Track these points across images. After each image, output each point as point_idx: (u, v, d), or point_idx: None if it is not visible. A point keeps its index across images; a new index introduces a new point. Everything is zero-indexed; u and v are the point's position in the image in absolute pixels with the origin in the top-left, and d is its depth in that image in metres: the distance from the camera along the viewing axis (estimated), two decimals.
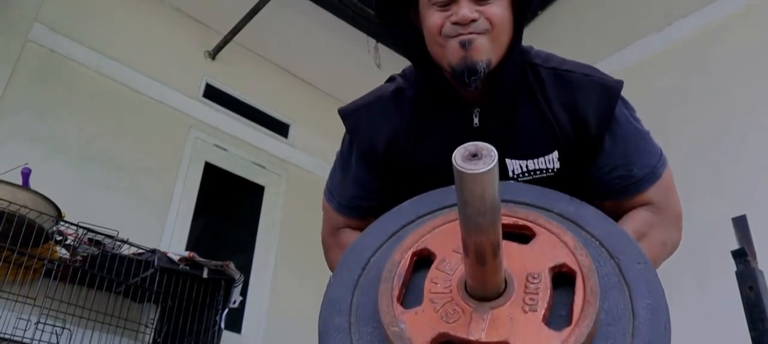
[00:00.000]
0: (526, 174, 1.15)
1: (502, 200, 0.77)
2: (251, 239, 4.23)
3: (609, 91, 1.11)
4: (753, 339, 1.47)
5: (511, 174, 1.16)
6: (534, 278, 0.75)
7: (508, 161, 1.15)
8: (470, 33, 1.03)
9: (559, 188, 1.16)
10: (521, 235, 0.82)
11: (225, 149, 4.30)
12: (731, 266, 1.57)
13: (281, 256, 4.26)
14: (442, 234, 0.83)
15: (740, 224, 1.61)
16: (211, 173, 4.18)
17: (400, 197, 1.21)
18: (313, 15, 4.30)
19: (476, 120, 1.14)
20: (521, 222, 0.83)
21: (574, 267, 0.76)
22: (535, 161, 1.14)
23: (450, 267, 0.78)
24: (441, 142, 1.16)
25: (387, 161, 1.18)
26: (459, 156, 0.64)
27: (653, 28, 3.55)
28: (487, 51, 1.05)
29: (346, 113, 1.24)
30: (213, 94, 4.39)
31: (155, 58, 4.14)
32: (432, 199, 0.95)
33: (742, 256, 1.53)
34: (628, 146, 1.12)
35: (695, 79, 3.26)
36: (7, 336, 2.67)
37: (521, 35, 1.11)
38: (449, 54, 1.06)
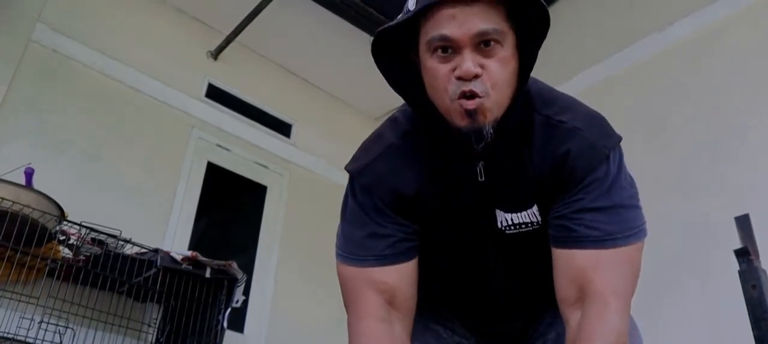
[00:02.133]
0: (512, 227, 1.12)
1: None
2: (253, 239, 4.23)
3: (592, 151, 1.04)
4: (756, 337, 1.47)
5: (499, 225, 1.13)
6: None
7: (497, 211, 1.12)
8: (473, 97, 0.97)
9: (543, 241, 1.11)
10: None
11: (227, 149, 4.30)
12: (734, 265, 1.57)
13: (283, 256, 4.26)
14: None
15: (743, 222, 1.61)
16: (213, 172, 4.19)
17: (422, 247, 1.18)
18: (315, 15, 4.31)
19: (481, 175, 1.10)
20: None
21: None
22: (519, 214, 1.11)
23: None
24: (448, 189, 1.13)
25: (414, 206, 1.13)
26: None
27: (655, 28, 3.55)
28: (492, 113, 0.99)
29: (359, 171, 1.15)
30: (215, 94, 4.40)
31: (157, 58, 4.15)
32: None
33: (745, 255, 1.53)
34: (586, 203, 1.04)
35: (697, 78, 3.26)
36: (10, 336, 2.67)
37: (526, 82, 1.06)
38: (455, 116, 1.00)
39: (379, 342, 1.08)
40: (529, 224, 1.12)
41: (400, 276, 1.13)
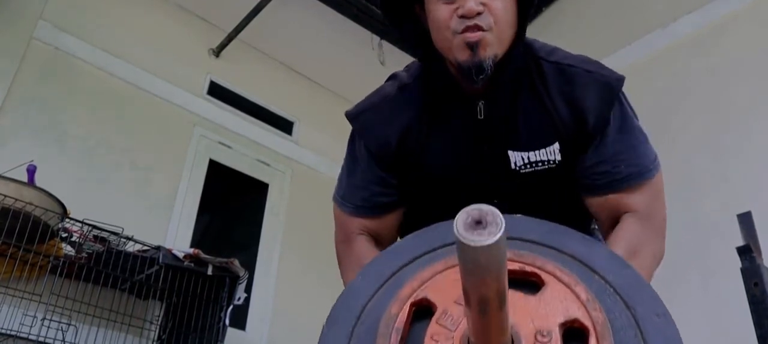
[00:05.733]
0: (528, 165, 1.16)
1: (508, 238, 0.71)
2: (255, 237, 4.23)
3: (609, 88, 1.12)
4: (758, 336, 1.47)
5: (513, 165, 1.16)
6: (543, 336, 0.69)
7: (510, 152, 1.16)
8: (477, 30, 1.03)
9: (560, 182, 1.17)
10: (529, 282, 0.76)
11: (229, 147, 4.30)
12: (736, 262, 1.57)
13: (285, 253, 4.27)
14: (443, 282, 0.76)
15: (745, 220, 1.61)
16: (215, 170, 4.19)
17: (414, 194, 1.23)
18: (316, 12, 4.30)
19: (481, 113, 1.15)
20: (529, 268, 0.76)
21: (587, 323, 0.70)
22: (537, 152, 1.15)
23: (452, 321, 0.72)
24: (448, 136, 1.18)
25: (399, 157, 1.19)
26: (461, 223, 0.57)
27: (658, 25, 3.54)
28: (493, 48, 1.05)
29: (353, 115, 1.24)
30: (217, 91, 4.40)
31: (159, 55, 4.15)
32: (431, 236, 0.85)
33: (748, 252, 1.52)
34: (618, 144, 1.12)
35: (700, 75, 3.25)
36: (13, 333, 2.68)
37: (525, 28, 1.12)
38: (456, 51, 1.06)
39: (364, 252, 1.18)
40: (546, 163, 1.15)
41: (380, 225, 1.23)
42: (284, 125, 4.71)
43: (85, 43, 3.80)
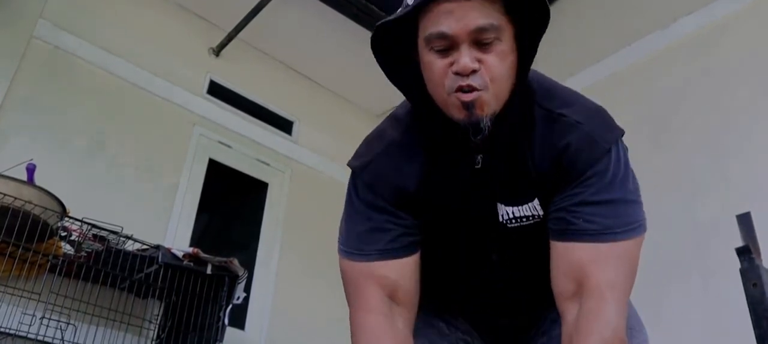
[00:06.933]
0: (514, 221, 1.12)
1: None
2: (255, 236, 4.23)
3: (592, 145, 1.04)
4: (757, 336, 1.47)
5: (501, 219, 1.13)
6: None
7: (499, 205, 1.12)
8: (472, 91, 0.97)
9: (545, 236, 1.11)
10: None
11: (229, 146, 4.30)
12: (735, 263, 1.57)
13: (285, 252, 4.27)
14: None
15: (745, 221, 1.61)
16: (215, 169, 4.19)
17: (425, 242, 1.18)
18: (317, 12, 4.30)
19: (479, 164, 1.11)
20: None
21: None
22: (521, 208, 1.11)
23: None
24: (449, 181, 1.14)
25: (416, 202, 1.14)
26: None
27: (658, 25, 3.54)
28: (490, 106, 1.00)
29: (361, 167, 1.16)
30: (217, 91, 4.39)
31: (159, 55, 4.15)
32: None
33: (747, 253, 1.52)
34: (584, 196, 1.04)
35: (700, 76, 3.25)
36: (12, 331, 2.68)
37: (526, 73, 1.06)
38: (452, 110, 1.01)
39: (380, 335, 1.09)
40: (531, 218, 1.12)
41: (402, 271, 1.14)
42: (284, 125, 4.71)
43: (85, 42, 3.80)
